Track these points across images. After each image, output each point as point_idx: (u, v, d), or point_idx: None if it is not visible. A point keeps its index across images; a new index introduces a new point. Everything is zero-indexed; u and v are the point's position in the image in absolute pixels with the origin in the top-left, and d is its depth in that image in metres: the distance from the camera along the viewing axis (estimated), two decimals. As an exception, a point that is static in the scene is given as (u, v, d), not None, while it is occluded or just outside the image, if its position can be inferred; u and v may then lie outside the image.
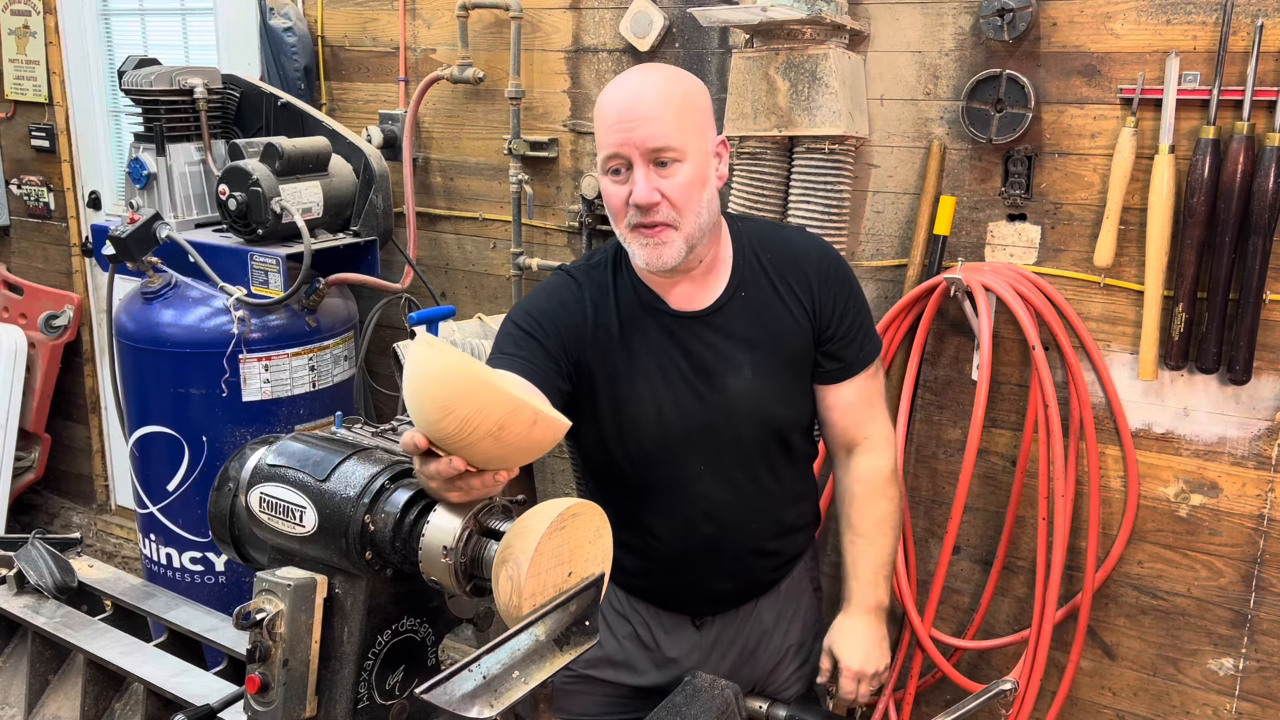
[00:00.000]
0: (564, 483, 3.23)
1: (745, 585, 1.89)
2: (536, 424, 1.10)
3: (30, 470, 4.44)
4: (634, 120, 1.59)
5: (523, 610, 1.15)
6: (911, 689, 2.66)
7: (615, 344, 1.73)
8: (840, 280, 1.78)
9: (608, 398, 1.74)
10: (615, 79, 1.68)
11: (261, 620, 1.25)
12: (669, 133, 1.59)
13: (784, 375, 1.76)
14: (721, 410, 1.73)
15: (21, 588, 1.79)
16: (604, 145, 1.64)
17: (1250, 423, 2.29)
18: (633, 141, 1.59)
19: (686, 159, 1.61)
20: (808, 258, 1.78)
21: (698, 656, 1.89)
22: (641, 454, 1.75)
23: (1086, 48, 2.30)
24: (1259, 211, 2.13)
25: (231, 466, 1.44)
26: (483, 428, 1.08)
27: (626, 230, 1.66)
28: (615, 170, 1.63)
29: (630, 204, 1.62)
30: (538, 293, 1.78)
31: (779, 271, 1.76)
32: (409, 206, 3.22)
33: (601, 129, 1.64)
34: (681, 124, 1.61)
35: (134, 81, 2.98)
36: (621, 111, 1.61)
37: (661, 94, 1.61)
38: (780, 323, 1.75)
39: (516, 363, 1.64)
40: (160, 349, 2.87)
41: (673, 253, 1.63)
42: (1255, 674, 2.38)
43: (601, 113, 1.65)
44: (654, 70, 1.69)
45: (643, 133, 1.59)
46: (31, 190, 4.34)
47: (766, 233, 1.84)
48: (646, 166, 1.60)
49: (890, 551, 1.88)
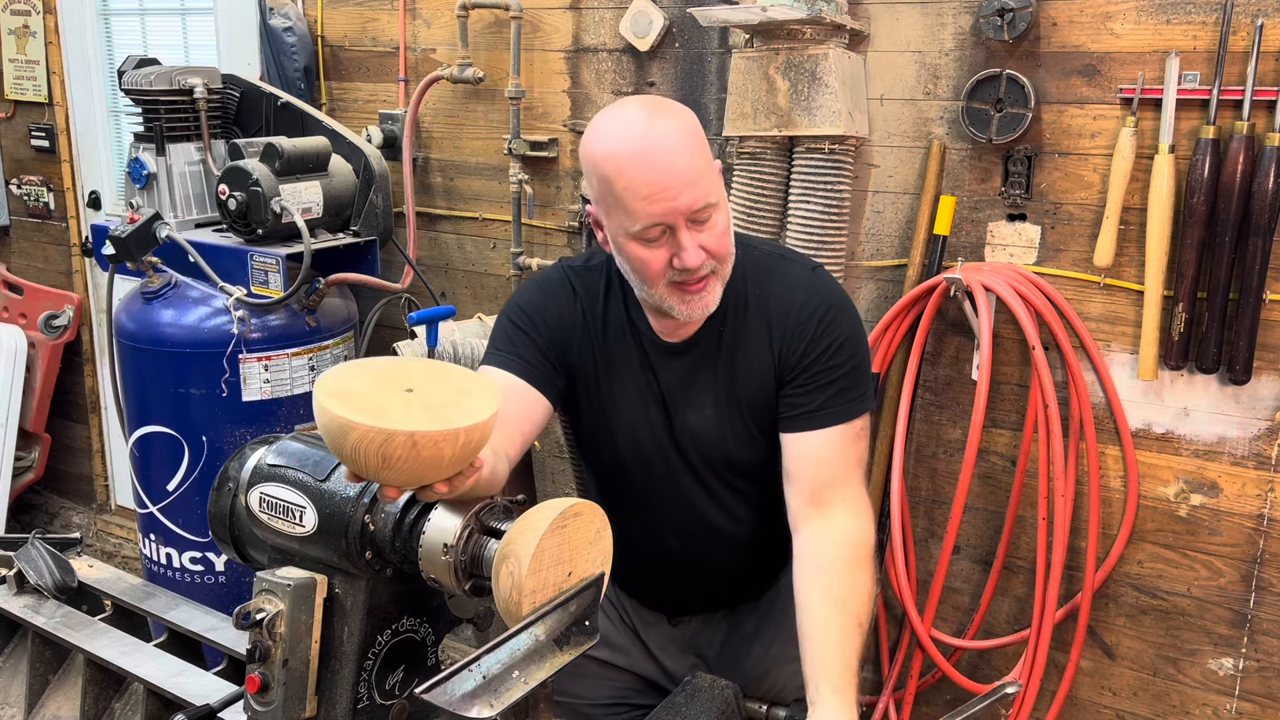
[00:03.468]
0: (564, 483, 3.23)
1: (715, 596, 1.89)
2: (417, 445, 1.09)
3: (30, 470, 4.44)
4: (673, 185, 1.46)
5: (523, 607, 1.15)
6: (911, 689, 2.66)
7: (599, 354, 1.71)
8: (819, 327, 1.63)
9: (589, 403, 1.74)
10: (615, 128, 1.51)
11: (261, 620, 1.25)
12: (707, 189, 1.49)
13: (744, 416, 1.67)
14: (685, 442, 1.70)
15: (21, 588, 1.79)
16: (638, 215, 1.48)
17: (1250, 423, 2.29)
18: (678, 210, 1.47)
19: (720, 206, 1.53)
20: (793, 304, 1.64)
21: (675, 652, 1.90)
22: (616, 463, 1.76)
23: (1086, 48, 2.30)
24: (1259, 211, 2.12)
25: (231, 466, 1.44)
26: (370, 462, 1.11)
27: (664, 289, 1.55)
28: (651, 238, 1.51)
29: (676, 266, 1.52)
30: (533, 288, 1.76)
31: (761, 309, 1.66)
32: (409, 206, 3.22)
33: (632, 199, 1.47)
34: (708, 171, 1.51)
35: (134, 81, 2.98)
36: (655, 180, 1.46)
37: (688, 146, 1.49)
38: (750, 361, 1.66)
39: (510, 360, 1.65)
40: (160, 349, 2.87)
41: (713, 298, 1.58)
42: (1255, 674, 2.38)
43: (623, 176, 1.48)
44: (660, 114, 1.52)
45: (687, 199, 1.47)
46: (31, 190, 4.34)
47: (768, 265, 1.70)
48: (689, 229, 1.50)
49: (863, 641, 1.52)
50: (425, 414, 1.12)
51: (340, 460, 1.16)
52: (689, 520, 1.76)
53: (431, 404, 1.14)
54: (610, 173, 1.49)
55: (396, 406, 1.12)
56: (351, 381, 1.17)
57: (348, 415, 1.09)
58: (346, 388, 1.15)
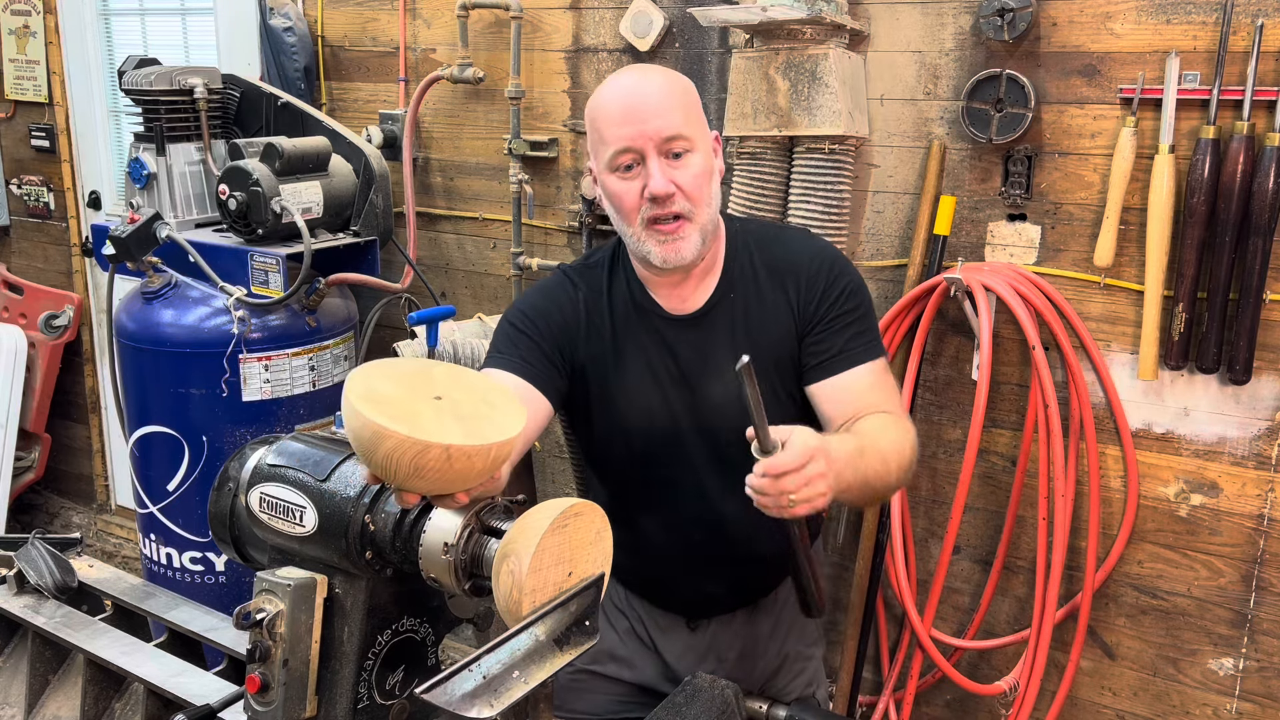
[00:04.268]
0: (564, 483, 3.23)
1: (739, 590, 1.88)
2: (451, 458, 1.09)
3: (30, 470, 4.45)
4: (644, 112, 1.58)
5: (523, 606, 1.15)
6: (911, 689, 2.66)
7: (608, 345, 1.72)
8: (830, 275, 1.70)
9: (600, 398, 1.74)
10: (608, 81, 1.67)
11: (261, 620, 1.25)
12: (680, 123, 1.59)
13: (769, 379, 1.68)
14: (707, 416, 1.71)
15: (21, 588, 1.79)
16: (612, 141, 1.60)
17: (1250, 422, 2.29)
18: (646, 134, 1.57)
19: (697, 149, 1.61)
20: (802, 258, 1.72)
21: (693, 659, 1.88)
22: (632, 455, 1.75)
23: (1086, 47, 2.30)
24: (1259, 211, 2.12)
25: (231, 466, 1.44)
26: (401, 470, 1.10)
27: (641, 229, 1.62)
28: (627, 166, 1.60)
29: (646, 196, 1.59)
30: (533, 292, 1.78)
31: (772, 274, 1.72)
32: (409, 206, 3.22)
33: (607, 125, 1.61)
34: (688, 114, 1.61)
35: (134, 81, 2.98)
36: (628, 105, 1.59)
37: (666, 86, 1.62)
38: (766, 325, 1.70)
39: (513, 362, 1.65)
40: (160, 349, 2.87)
41: (690, 247, 1.61)
42: (1255, 674, 2.38)
43: (604, 110, 1.62)
44: (649, 68, 1.70)
45: (656, 124, 1.57)
46: (31, 190, 4.34)
47: (767, 234, 1.80)
48: (660, 158, 1.59)
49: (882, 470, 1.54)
50: (459, 426, 1.11)
51: (368, 465, 1.14)
52: (713, 501, 1.74)
53: (463, 414, 1.14)
54: (595, 113, 1.64)
55: (429, 416, 1.12)
56: (381, 384, 1.15)
57: (384, 423, 1.07)
58: (377, 391, 1.13)
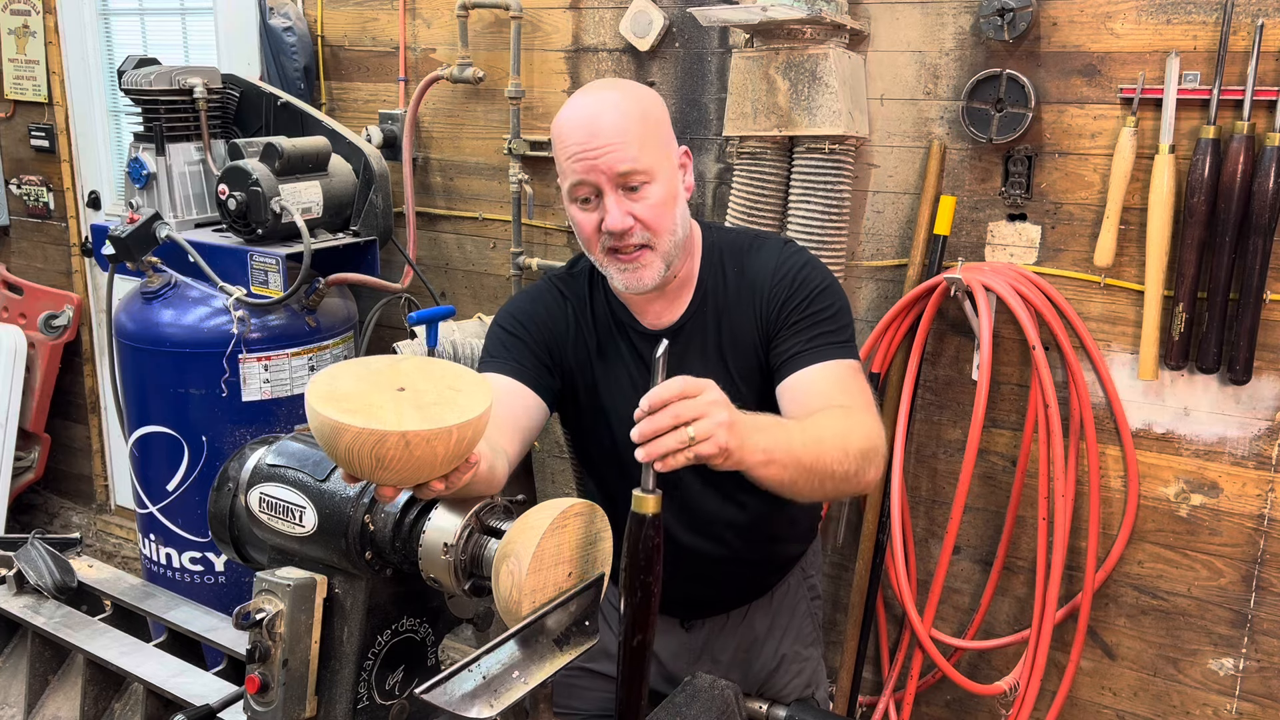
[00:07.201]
0: (564, 483, 3.23)
1: (732, 592, 1.88)
2: (410, 445, 1.09)
3: (30, 470, 4.44)
4: (597, 146, 1.54)
5: (522, 606, 1.15)
6: (911, 689, 2.66)
7: (593, 354, 1.74)
8: (794, 282, 1.67)
9: (588, 405, 1.76)
10: (569, 102, 1.62)
11: (261, 620, 1.25)
12: (635, 155, 1.54)
13: (742, 391, 1.68)
14: None
15: (21, 588, 1.79)
16: (568, 174, 1.57)
17: (1250, 422, 2.28)
18: (599, 168, 1.54)
19: (655, 179, 1.57)
20: (767, 269, 1.69)
21: (688, 659, 1.89)
22: (617, 461, 1.76)
23: (1086, 47, 2.30)
24: (1259, 211, 2.12)
25: (231, 466, 1.44)
26: (365, 463, 1.11)
27: (602, 255, 1.62)
28: (584, 199, 1.58)
29: (603, 231, 1.58)
30: (522, 297, 1.80)
31: (742, 285, 1.70)
32: (409, 206, 3.22)
33: (563, 157, 1.58)
34: (645, 143, 1.56)
35: (134, 81, 2.98)
36: (583, 138, 1.55)
37: (620, 114, 1.56)
38: (738, 337, 1.69)
39: (507, 365, 1.67)
40: (160, 349, 2.87)
41: (652, 274, 1.61)
42: (1255, 674, 2.38)
43: (561, 139, 1.59)
44: (607, 88, 1.64)
45: (609, 159, 1.53)
46: (31, 190, 4.34)
47: (741, 245, 1.75)
48: (616, 192, 1.56)
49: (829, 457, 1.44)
50: (417, 413, 1.12)
51: (335, 462, 1.17)
52: (699, 508, 1.76)
53: (424, 402, 1.14)
54: (555, 138, 1.61)
55: (388, 407, 1.12)
56: (343, 383, 1.17)
57: (339, 418, 1.09)
58: (338, 389, 1.15)
